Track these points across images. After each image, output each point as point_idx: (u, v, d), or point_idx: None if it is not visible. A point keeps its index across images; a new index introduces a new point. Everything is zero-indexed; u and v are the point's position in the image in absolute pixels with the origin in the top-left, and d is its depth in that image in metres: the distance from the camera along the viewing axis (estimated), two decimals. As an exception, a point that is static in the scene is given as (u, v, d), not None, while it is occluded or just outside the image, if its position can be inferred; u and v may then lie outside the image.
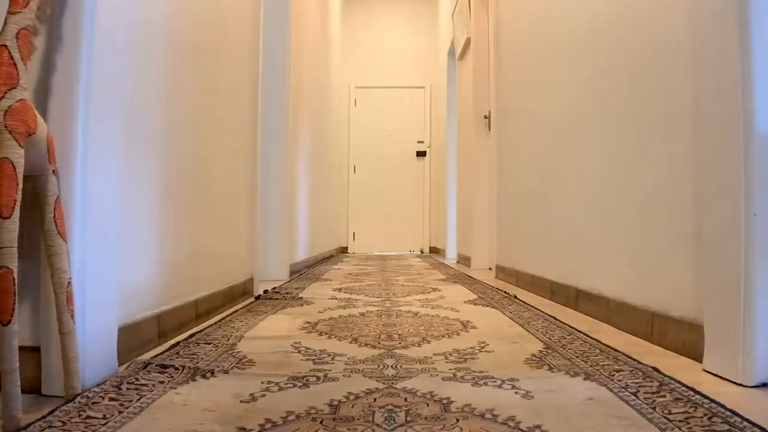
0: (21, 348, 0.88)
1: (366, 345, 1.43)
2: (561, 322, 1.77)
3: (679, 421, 0.87)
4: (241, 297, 2.27)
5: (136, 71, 1.33)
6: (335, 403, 0.96)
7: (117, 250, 1.20)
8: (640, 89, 1.67)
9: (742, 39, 1.12)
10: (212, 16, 1.96)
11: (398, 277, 3.44)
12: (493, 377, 1.13)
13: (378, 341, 1.48)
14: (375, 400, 0.98)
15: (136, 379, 1.07)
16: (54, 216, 0.98)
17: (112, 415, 0.89)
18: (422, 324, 1.74)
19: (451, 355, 1.33)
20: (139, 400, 0.97)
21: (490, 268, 3.84)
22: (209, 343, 1.43)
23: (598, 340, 1.47)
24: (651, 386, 1.05)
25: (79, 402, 0.94)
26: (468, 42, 4.63)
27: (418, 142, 7.06)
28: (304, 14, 3.97)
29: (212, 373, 1.14)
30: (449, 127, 6.03)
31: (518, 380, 1.11)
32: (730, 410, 0.90)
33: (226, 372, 1.16)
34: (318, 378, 1.12)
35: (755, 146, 1.11)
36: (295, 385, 1.07)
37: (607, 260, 1.90)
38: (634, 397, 0.99)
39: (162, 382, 1.07)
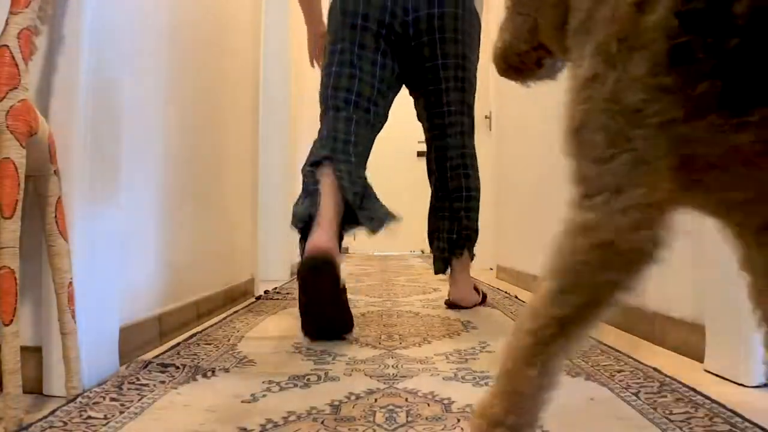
0: (22, 348, 0.88)
1: (367, 345, 1.43)
2: (562, 322, 1.77)
3: (680, 421, 0.87)
4: (242, 297, 2.27)
5: (137, 71, 1.33)
6: (336, 403, 0.96)
7: (118, 251, 1.20)
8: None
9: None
10: (214, 15, 1.96)
11: (399, 277, 3.44)
12: (494, 377, 1.13)
13: (379, 341, 1.48)
14: (376, 400, 0.98)
15: (137, 379, 1.07)
16: (55, 216, 0.98)
17: (113, 415, 0.89)
18: (423, 324, 1.74)
19: (451, 355, 1.33)
20: (140, 400, 0.97)
21: (491, 268, 3.84)
22: (210, 343, 1.43)
23: (599, 341, 1.46)
24: (652, 386, 1.05)
25: (80, 402, 0.94)
26: (469, 42, 4.62)
27: (419, 142, 7.06)
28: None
29: (213, 372, 1.14)
30: (450, 127, 6.01)
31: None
32: (732, 411, 0.90)
33: (227, 372, 1.16)
34: (319, 378, 1.13)
35: (756, 146, 1.10)
36: (296, 385, 1.07)
37: (608, 260, 1.89)
38: (635, 398, 0.99)
39: (163, 382, 1.07)
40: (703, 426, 0.85)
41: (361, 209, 1.60)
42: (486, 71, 4.18)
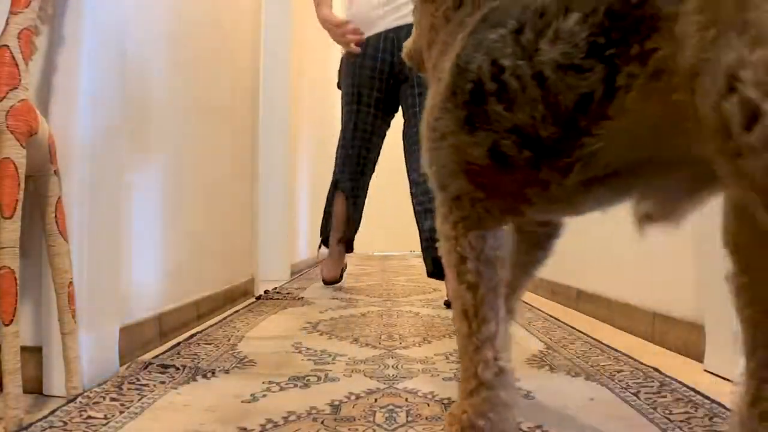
0: (22, 348, 0.88)
1: (367, 345, 1.43)
2: (562, 322, 1.77)
3: (680, 421, 0.87)
4: (242, 297, 2.27)
5: (137, 71, 1.33)
6: (336, 403, 0.96)
7: (118, 251, 1.20)
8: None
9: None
10: (214, 15, 1.96)
11: (399, 277, 3.44)
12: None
13: (379, 341, 1.48)
14: (376, 400, 0.98)
15: (137, 379, 1.07)
16: (55, 216, 0.98)
17: (113, 415, 0.89)
18: (423, 324, 1.74)
19: (452, 355, 1.33)
20: (140, 400, 0.97)
21: (491, 268, 3.84)
22: (210, 343, 1.43)
23: (599, 341, 1.47)
24: (652, 386, 1.05)
25: (81, 402, 0.94)
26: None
27: (419, 142, 7.03)
28: (305, 12, 3.97)
29: (213, 373, 1.14)
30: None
31: (519, 380, 1.11)
32: (732, 411, 0.90)
33: (227, 372, 1.16)
34: (319, 378, 1.13)
35: (756, 146, 1.10)
36: (296, 385, 1.08)
37: (608, 260, 1.90)
38: (635, 398, 0.99)
39: (163, 382, 1.07)
40: (703, 426, 0.85)
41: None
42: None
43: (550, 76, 0.62)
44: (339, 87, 2.61)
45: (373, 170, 2.62)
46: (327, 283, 2.77)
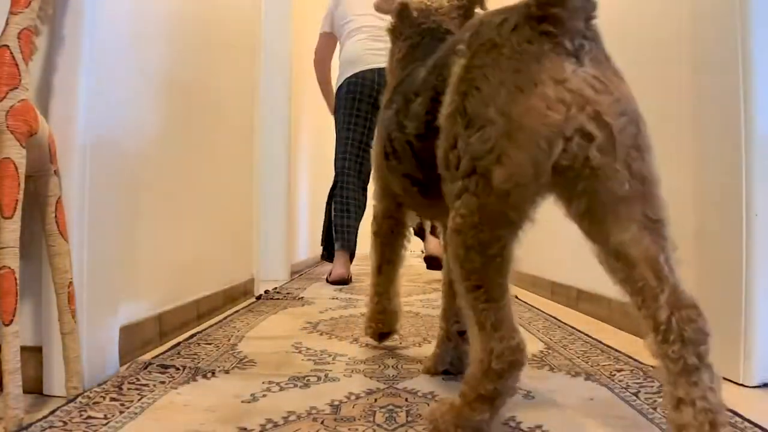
0: (22, 348, 0.88)
1: (367, 345, 1.43)
2: (562, 322, 1.77)
3: (680, 421, 0.86)
4: (242, 297, 2.27)
5: (136, 72, 1.33)
6: (336, 403, 0.96)
7: (118, 251, 1.20)
8: (639, 85, 1.67)
9: (744, 41, 1.12)
10: (213, 15, 1.96)
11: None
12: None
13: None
14: (376, 400, 0.98)
15: (137, 379, 1.07)
16: (55, 216, 0.98)
17: (114, 415, 0.89)
18: (423, 324, 1.74)
19: (451, 355, 1.33)
20: (140, 400, 0.97)
21: (491, 268, 3.83)
22: (210, 343, 1.43)
23: (598, 340, 1.47)
24: (652, 386, 1.05)
25: (81, 402, 0.94)
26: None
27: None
28: (305, 12, 3.97)
29: (213, 373, 1.14)
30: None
31: (519, 381, 1.11)
32: (731, 411, 0.90)
33: (227, 372, 1.16)
34: (319, 378, 1.13)
35: (756, 146, 1.11)
36: (296, 385, 1.08)
37: (608, 260, 1.89)
38: (635, 398, 0.99)
39: (163, 382, 1.07)
40: (703, 426, 0.84)
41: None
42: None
43: (413, 142, 0.97)
44: (333, 113, 3.14)
45: (369, 174, 3.00)
46: (333, 283, 2.93)
